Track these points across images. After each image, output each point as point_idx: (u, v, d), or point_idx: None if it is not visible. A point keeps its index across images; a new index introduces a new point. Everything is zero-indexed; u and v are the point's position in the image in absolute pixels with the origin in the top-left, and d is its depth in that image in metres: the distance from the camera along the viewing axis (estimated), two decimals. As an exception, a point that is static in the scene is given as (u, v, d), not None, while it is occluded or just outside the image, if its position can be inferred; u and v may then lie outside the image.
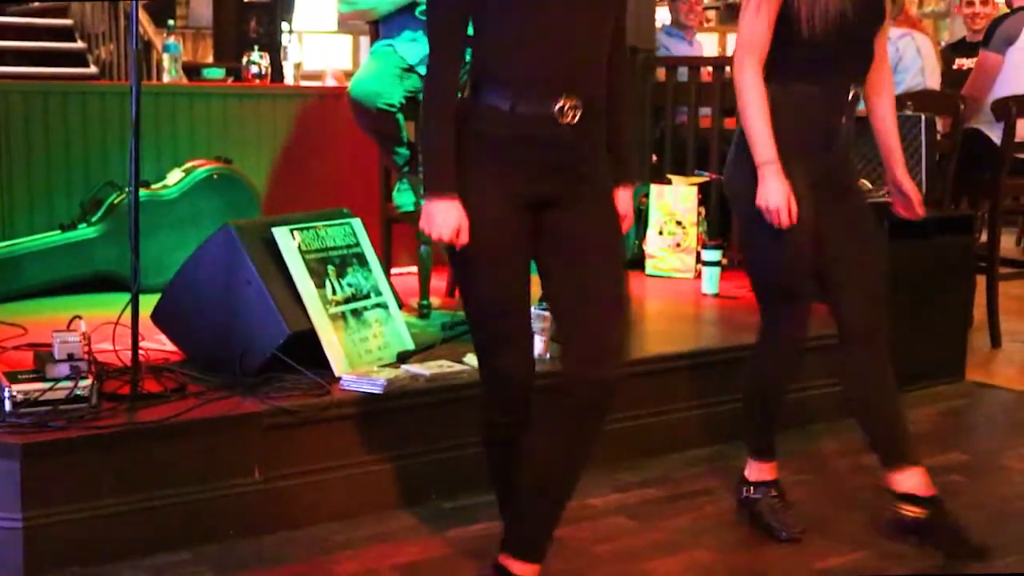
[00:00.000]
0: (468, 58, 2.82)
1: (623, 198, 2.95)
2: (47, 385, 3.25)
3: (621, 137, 2.96)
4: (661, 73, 6.59)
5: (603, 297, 2.80)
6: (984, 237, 5.90)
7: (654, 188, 5.87)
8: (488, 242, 2.74)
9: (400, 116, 4.63)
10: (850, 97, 3.27)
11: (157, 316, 3.85)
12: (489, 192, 2.73)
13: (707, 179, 6.02)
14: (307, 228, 3.81)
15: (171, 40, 6.02)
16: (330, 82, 6.38)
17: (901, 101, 5.31)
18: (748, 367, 3.54)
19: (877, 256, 3.40)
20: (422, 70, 4.41)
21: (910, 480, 3.34)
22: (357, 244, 3.95)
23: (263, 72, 6.05)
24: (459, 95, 2.80)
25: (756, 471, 3.53)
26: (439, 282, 5.07)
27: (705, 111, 6.35)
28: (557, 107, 2.70)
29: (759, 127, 3.17)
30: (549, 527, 2.89)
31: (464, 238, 2.70)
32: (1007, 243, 6.98)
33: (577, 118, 2.72)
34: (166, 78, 5.91)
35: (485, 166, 2.73)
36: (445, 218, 2.69)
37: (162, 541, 3.24)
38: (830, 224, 3.29)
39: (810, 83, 3.23)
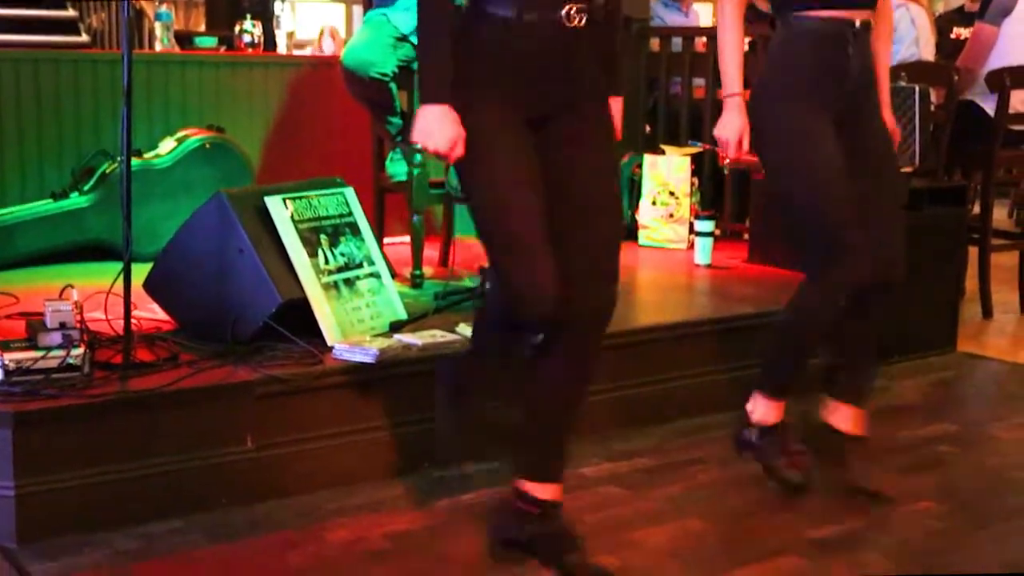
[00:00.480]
0: None
1: (612, 107, 2.91)
2: (39, 354, 3.25)
3: (610, 47, 2.91)
4: (655, 43, 6.58)
5: (601, 219, 2.77)
6: (977, 208, 5.90)
7: (647, 158, 5.86)
8: (499, 143, 2.66)
9: (393, 85, 4.63)
10: (858, 25, 3.30)
11: (149, 285, 3.84)
12: (496, 99, 2.67)
13: (701, 150, 6.01)
14: (300, 197, 3.80)
15: (163, 8, 5.99)
16: (327, 43, 6.33)
17: (895, 72, 5.30)
18: (792, 308, 3.49)
19: (898, 197, 3.44)
20: (415, 40, 4.40)
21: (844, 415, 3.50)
22: (350, 213, 3.95)
23: (256, 41, 6.02)
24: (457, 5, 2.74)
25: (764, 411, 3.53)
26: (432, 252, 5.07)
27: (699, 82, 6.34)
28: (564, 11, 2.65)
29: (731, 65, 3.33)
30: (562, 447, 2.90)
31: (460, 150, 2.63)
32: (999, 215, 6.97)
33: (584, 22, 2.68)
34: (158, 47, 5.88)
35: (490, 75, 2.67)
36: (441, 128, 2.61)
37: (154, 509, 3.25)
38: (852, 161, 3.31)
39: (816, 14, 3.27)
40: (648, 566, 3.09)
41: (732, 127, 3.30)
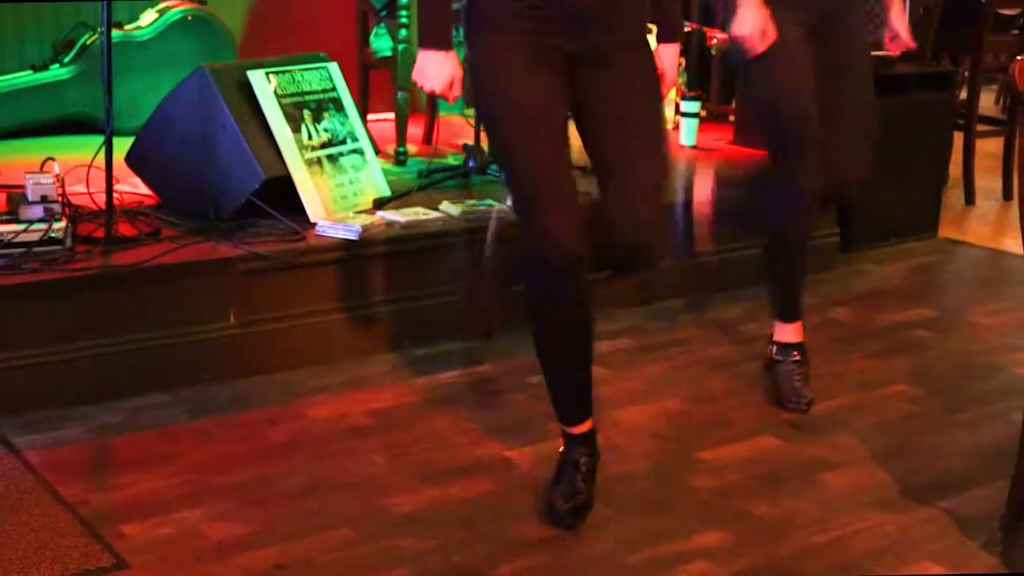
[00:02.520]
0: None
1: (667, 55, 2.81)
2: (21, 227, 3.24)
3: None
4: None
5: (645, 162, 2.65)
6: (964, 94, 5.88)
7: (634, 38, 5.79)
8: (518, 96, 2.57)
9: (379, -42, 4.56)
10: None
11: (131, 159, 3.82)
12: (514, 46, 2.56)
13: (688, 29, 5.95)
14: (283, 72, 3.77)
15: None
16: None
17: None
18: (767, 223, 3.45)
19: (866, 115, 3.37)
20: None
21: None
22: (333, 89, 3.91)
23: (238, -90, 5.89)
24: None
25: (778, 331, 3.49)
26: (416, 129, 5.04)
27: (688, -41, 6.25)
28: None
29: None
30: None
31: (457, 90, 2.61)
32: (986, 101, 6.95)
33: None
34: (138, -85, 5.77)
35: (508, 20, 2.56)
36: (439, 70, 2.58)
37: (138, 384, 3.27)
38: (825, 73, 3.26)
39: None
40: (627, 444, 3.13)
41: (751, 21, 3.16)
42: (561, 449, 2.80)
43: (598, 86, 2.64)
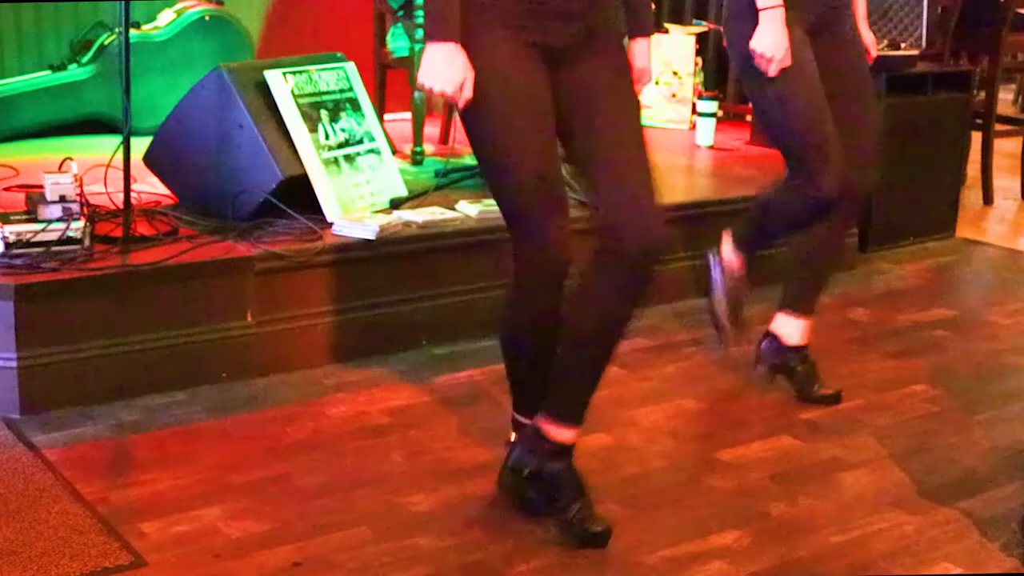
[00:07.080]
0: None
1: (640, 50, 2.75)
2: (39, 227, 3.25)
3: None
4: (661, -81, 6.46)
5: (633, 155, 2.61)
6: (982, 94, 5.86)
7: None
8: (508, 93, 2.48)
9: (395, -42, 4.56)
10: None
11: (149, 159, 3.83)
12: (502, 43, 2.48)
13: (705, 29, 5.94)
14: (300, 71, 3.77)
15: None
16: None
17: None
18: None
19: (872, 110, 3.36)
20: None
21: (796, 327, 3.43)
22: (350, 89, 3.92)
23: (255, -90, 5.90)
24: None
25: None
26: (433, 129, 5.04)
27: (705, -41, 6.25)
28: None
29: None
30: (592, 389, 2.70)
31: (468, 91, 2.45)
32: (1004, 100, 6.93)
33: None
34: (156, -85, 5.78)
35: (495, 15, 2.48)
36: (448, 69, 2.42)
37: (156, 382, 3.28)
38: (824, 73, 3.24)
39: None
40: (644, 443, 3.13)
41: (776, 43, 3.08)
42: (513, 438, 2.77)
43: (580, 84, 2.56)
